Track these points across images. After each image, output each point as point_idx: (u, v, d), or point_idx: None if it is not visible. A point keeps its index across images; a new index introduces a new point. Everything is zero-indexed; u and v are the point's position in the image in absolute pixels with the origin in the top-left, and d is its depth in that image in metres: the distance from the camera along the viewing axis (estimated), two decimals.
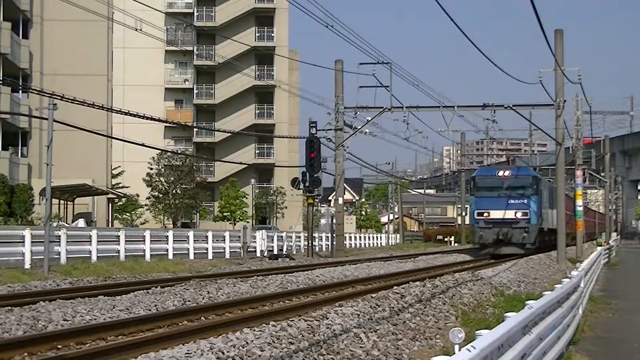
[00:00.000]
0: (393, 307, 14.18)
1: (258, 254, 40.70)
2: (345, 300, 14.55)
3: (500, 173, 42.19)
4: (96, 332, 12.26)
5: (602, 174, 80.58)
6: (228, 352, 9.65)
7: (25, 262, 25.46)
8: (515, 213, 40.23)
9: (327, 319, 12.27)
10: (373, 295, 15.42)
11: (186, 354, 9.44)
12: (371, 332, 11.60)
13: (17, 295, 17.62)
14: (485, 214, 40.69)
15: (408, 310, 13.97)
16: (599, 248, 38.38)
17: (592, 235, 75.19)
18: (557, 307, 11.62)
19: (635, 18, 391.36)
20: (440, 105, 41.20)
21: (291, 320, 12.00)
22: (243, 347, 9.94)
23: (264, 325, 11.68)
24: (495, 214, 40.50)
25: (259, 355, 9.71)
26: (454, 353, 5.91)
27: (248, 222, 65.51)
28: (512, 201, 40.48)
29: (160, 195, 65.44)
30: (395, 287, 16.83)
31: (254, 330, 11.15)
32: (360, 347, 10.71)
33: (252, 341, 10.27)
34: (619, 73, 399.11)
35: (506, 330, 7.39)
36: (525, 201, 40.43)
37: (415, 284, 17.50)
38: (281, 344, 10.30)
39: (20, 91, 53.86)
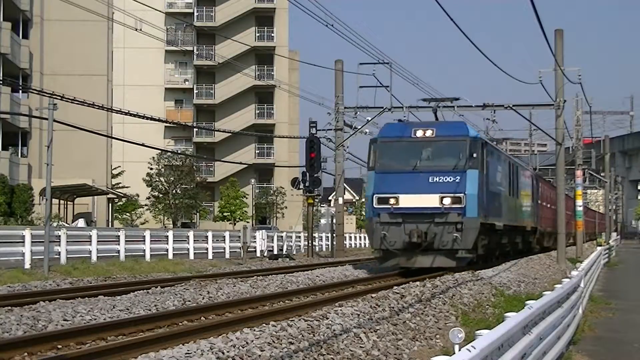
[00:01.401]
0: (393, 307, 14.18)
1: (258, 254, 40.69)
2: (345, 300, 14.56)
3: (419, 133, 26.18)
4: (96, 332, 12.26)
5: (602, 174, 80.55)
6: (228, 352, 9.65)
7: (25, 262, 25.45)
8: (441, 199, 25.00)
9: (327, 319, 12.27)
10: (373, 295, 15.42)
11: (186, 354, 9.44)
12: (371, 332, 11.60)
13: (17, 295, 17.62)
14: (391, 201, 25.31)
15: (408, 310, 13.97)
16: (599, 248, 38.35)
17: (592, 235, 75.20)
18: (557, 307, 11.62)
19: (635, 18, 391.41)
20: (440, 105, 41.10)
21: (291, 320, 12.00)
22: (243, 347, 9.94)
23: (264, 325, 11.68)
24: (407, 201, 25.25)
25: (259, 355, 9.71)
26: (454, 353, 5.91)
27: (248, 222, 65.49)
28: (436, 179, 25.44)
29: (160, 195, 65.45)
30: (395, 287, 16.84)
31: (254, 330, 11.15)
32: (360, 347, 10.71)
33: (252, 341, 10.27)
34: (619, 73, 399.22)
35: (506, 330, 7.39)
36: (458, 178, 25.30)
37: (415, 284, 17.50)
38: (281, 344, 10.29)
39: (20, 91, 53.91)
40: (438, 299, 15.71)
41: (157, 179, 64.86)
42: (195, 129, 76.45)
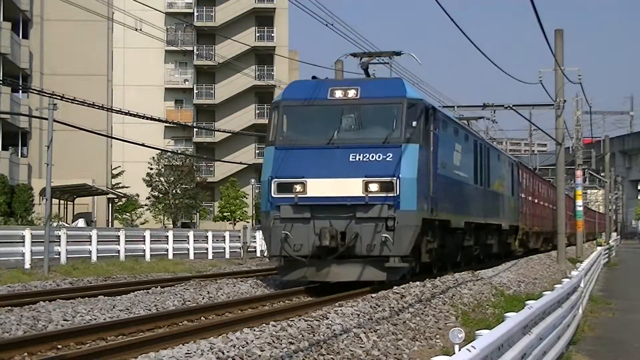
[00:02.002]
0: (393, 307, 14.19)
1: (258, 254, 40.70)
2: (345, 300, 14.55)
3: (337, 93, 19.36)
4: (96, 332, 12.27)
5: (602, 174, 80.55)
6: (228, 352, 9.65)
7: (25, 262, 25.47)
8: (366, 185, 18.35)
9: (327, 319, 12.27)
10: (373, 295, 15.42)
11: (186, 354, 9.44)
12: (371, 332, 11.60)
13: (17, 295, 17.64)
14: (296, 188, 18.66)
15: (408, 310, 13.97)
16: (599, 248, 38.39)
17: (592, 235, 75.20)
18: (557, 307, 11.63)
19: (635, 18, 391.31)
20: (439, 105, 41.12)
21: (291, 320, 12.00)
22: (243, 347, 9.94)
23: (264, 325, 11.68)
24: (318, 188, 18.58)
25: (259, 355, 9.71)
26: (454, 353, 5.91)
27: (248, 222, 65.49)
28: (360, 157, 18.68)
29: (160, 195, 65.43)
30: (395, 287, 16.83)
31: (254, 330, 11.15)
32: (360, 347, 10.72)
33: (252, 341, 10.27)
34: (619, 73, 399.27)
35: (506, 330, 7.40)
36: (390, 156, 18.61)
37: (415, 284, 17.50)
38: (281, 344, 10.30)
39: (20, 91, 53.92)
40: (438, 299, 15.71)
41: (157, 179, 64.85)
42: (195, 129, 76.44)
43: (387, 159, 18.56)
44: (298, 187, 18.62)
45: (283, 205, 18.64)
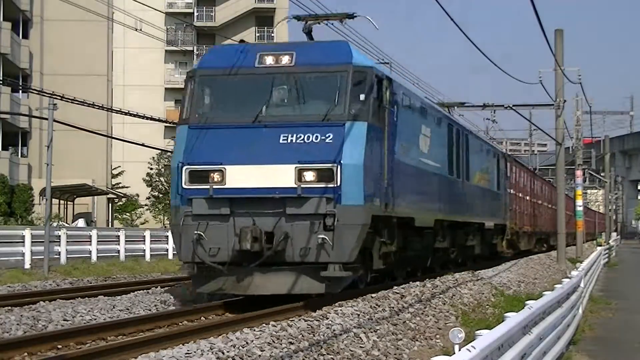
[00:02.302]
0: (393, 307, 14.17)
1: None
2: (345, 300, 14.53)
3: (268, 59, 15.74)
4: (96, 332, 12.27)
5: (602, 174, 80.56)
6: (228, 352, 9.65)
7: (25, 262, 25.47)
8: (300, 173, 14.84)
9: (327, 319, 12.27)
10: (373, 295, 15.41)
11: (186, 354, 9.44)
12: (371, 332, 11.60)
13: (17, 295, 17.65)
14: (213, 177, 15.09)
15: (408, 310, 13.97)
16: (598, 248, 38.40)
17: (592, 235, 75.22)
18: (557, 307, 11.63)
19: (635, 18, 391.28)
20: (439, 104, 41.12)
21: (291, 320, 12.00)
22: (243, 347, 9.94)
23: (264, 325, 11.68)
24: (239, 177, 15.03)
25: (259, 355, 9.71)
26: (454, 353, 5.91)
27: None
28: (292, 138, 15.10)
29: (160, 195, 65.45)
30: (395, 287, 16.81)
31: (254, 330, 11.15)
32: (360, 347, 10.71)
33: (252, 341, 10.27)
34: (619, 73, 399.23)
35: (506, 330, 7.40)
36: (330, 137, 15.01)
37: (415, 284, 17.49)
38: (281, 344, 10.30)
39: (20, 91, 53.89)
40: (438, 299, 15.70)
41: (157, 179, 64.90)
42: None
43: (327, 140, 14.69)
44: (215, 176, 14.83)
45: (196, 198, 14.83)
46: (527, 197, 40.74)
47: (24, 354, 10.74)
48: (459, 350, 5.97)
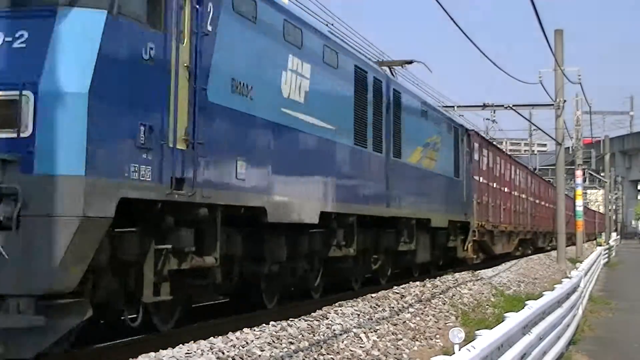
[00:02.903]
0: (393, 307, 14.19)
1: None
2: (345, 300, 14.53)
3: None
4: None
5: (602, 174, 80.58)
6: (228, 352, 9.65)
7: None
8: None
9: (327, 319, 12.27)
10: (373, 295, 15.41)
11: (186, 354, 9.44)
12: (371, 332, 11.60)
13: None
14: None
15: (408, 310, 13.98)
16: (598, 248, 38.43)
17: (592, 236, 75.26)
18: (557, 307, 11.65)
19: (635, 18, 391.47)
20: (440, 104, 41.17)
21: (291, 320, 12.00)
22: (243, 347, 9.94)
23: (264, 325, 11.68)
24: None
25: (259, 355, 9.71)
26: (454, 353, 5.92)
27: None
28: None
29: None
30: (395, 287, 16.82)
31: (254, 330, 11.15)
32: (360, 347, 10.72)
33: (252, 341, 10.27)
34: (619, 73, 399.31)
35: (506, 330, 7.40)
36: (23, 38, 7.68)
37: (415, 284, 17.50)
38: (281, 344, 10.30)
39: None
40: (438, 299, 15.71)
41: None
42: None
43: (15, 44, 7.94)
44: None
45: None
46: (506, 189, 34.22)
47: None
48: (459, 350, 5.98)
